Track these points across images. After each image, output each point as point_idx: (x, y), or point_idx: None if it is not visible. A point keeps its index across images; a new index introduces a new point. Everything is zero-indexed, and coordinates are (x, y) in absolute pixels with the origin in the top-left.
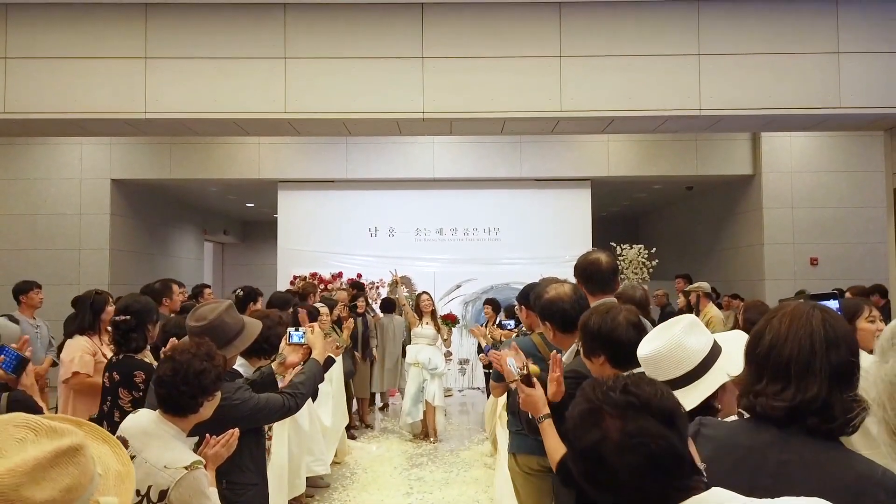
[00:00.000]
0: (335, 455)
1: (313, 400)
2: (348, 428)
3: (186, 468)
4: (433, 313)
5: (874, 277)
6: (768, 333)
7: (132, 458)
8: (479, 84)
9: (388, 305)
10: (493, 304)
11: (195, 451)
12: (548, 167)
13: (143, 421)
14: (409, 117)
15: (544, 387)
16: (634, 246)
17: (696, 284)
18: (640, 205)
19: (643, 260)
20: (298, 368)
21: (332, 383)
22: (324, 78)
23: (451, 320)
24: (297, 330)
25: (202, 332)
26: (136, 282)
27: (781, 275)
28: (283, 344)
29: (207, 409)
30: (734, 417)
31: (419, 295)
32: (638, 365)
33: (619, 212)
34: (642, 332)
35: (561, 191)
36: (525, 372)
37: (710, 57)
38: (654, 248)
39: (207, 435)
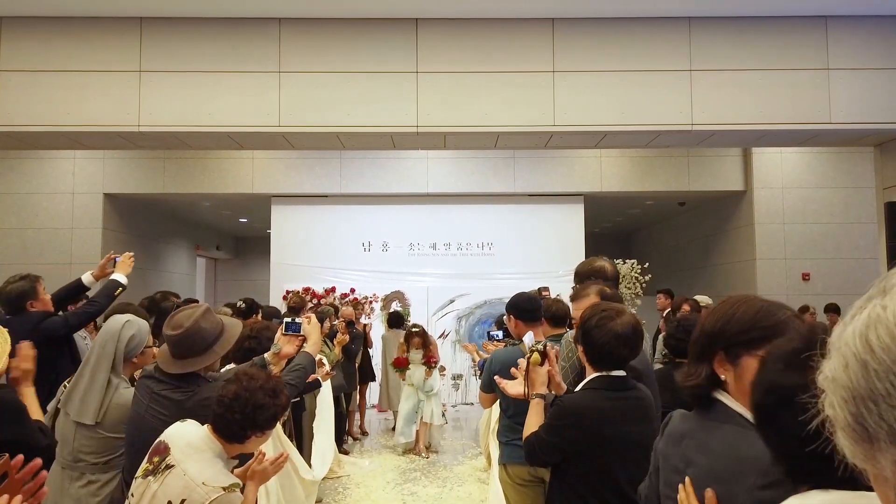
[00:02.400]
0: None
1: (311, 389)
2: (341, 443)
3: (224, 489)
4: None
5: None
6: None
7: (171, 466)
8: (473, 98)
9: (396, 320)
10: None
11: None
12: (541, 182)
13: (190, 433)
14: (404, 131)
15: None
16: (628, 261)
17: (700, 298)
18: (633, 220)
19: (636, 275)
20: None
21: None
22: (318, 92)
23: (401, 366)
24: (293, 320)
25: (179, 341)
26: (128, 297)
27: (774, 290)
28: (278, 334)
29: (253, 444)
30: None
31: (408, 332)
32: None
33: (612, 227)
34: (628, 344)
35: (554, 206)
36: (542, 348)
37: (701, 73)
38: (647, 264)
39: (259, 451)
